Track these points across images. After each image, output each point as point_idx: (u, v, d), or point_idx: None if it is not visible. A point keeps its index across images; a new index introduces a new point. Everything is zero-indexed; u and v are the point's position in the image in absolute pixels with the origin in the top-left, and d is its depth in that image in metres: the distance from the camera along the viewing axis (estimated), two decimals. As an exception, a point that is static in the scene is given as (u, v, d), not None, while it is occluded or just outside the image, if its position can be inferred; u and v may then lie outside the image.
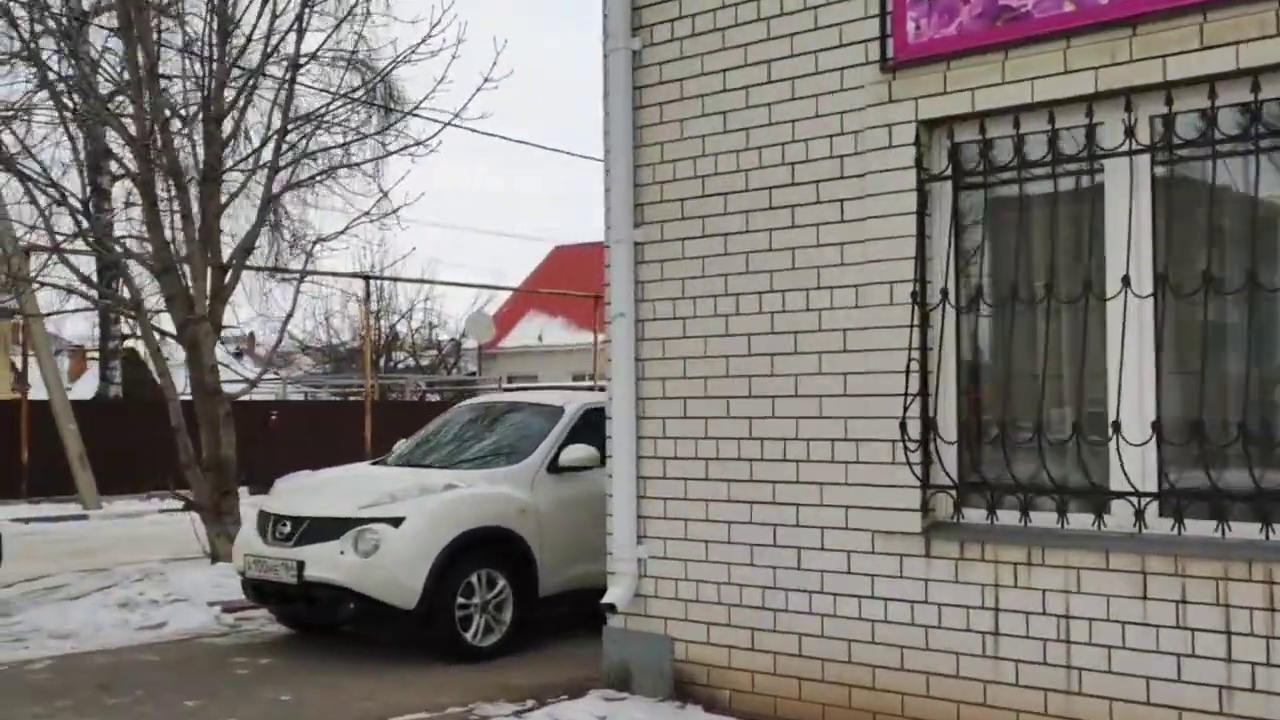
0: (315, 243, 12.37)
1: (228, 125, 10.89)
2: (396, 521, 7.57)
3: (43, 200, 10.57)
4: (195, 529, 10.54)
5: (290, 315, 12.13)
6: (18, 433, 18.56)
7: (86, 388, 31.17)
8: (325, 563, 7.56)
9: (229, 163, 11.05)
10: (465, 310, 41.32)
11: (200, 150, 10.89)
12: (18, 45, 11.01)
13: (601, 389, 10.94)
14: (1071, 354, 5.35)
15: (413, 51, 10.73)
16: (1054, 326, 5.39)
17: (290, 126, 11.03)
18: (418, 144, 11.23)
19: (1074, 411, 5.29)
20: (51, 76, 10.44)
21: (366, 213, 11.78)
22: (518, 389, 23.02)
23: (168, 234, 10.61)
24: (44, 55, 10.61)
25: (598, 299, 29.80)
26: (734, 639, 6.24)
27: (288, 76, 10.89)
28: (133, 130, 10.36)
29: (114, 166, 25.26)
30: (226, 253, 11.05)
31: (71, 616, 9.21)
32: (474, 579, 7.72)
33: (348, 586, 7.49)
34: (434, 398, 35.17)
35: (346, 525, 7.62)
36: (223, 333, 11.49)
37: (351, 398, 33.46)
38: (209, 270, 10.59)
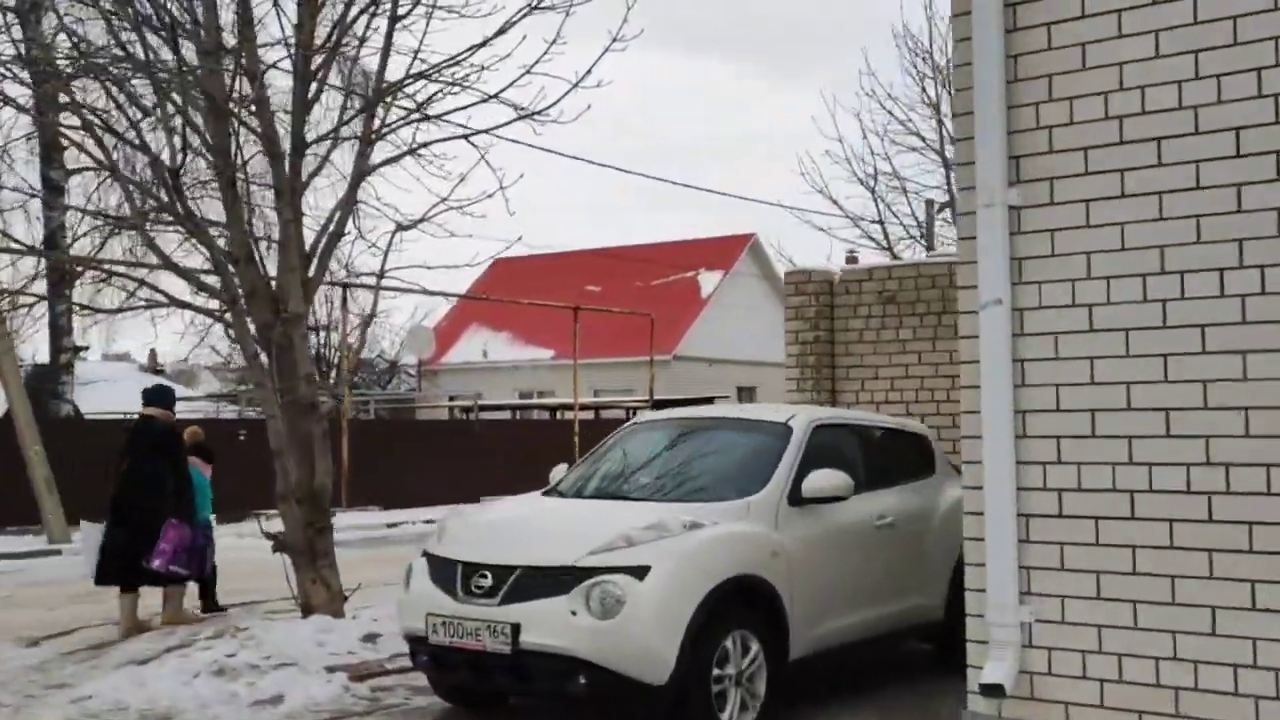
0: (397, 229, 10.51)
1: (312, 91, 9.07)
2: (640, 572, 5.84)
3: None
4: (286, 573, 8.68)
5: (372, 317, 10.24)
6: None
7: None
8: (550, 626, 5.81)
9: (311, 134, 9.20)
10: (404, 324, 38.97)
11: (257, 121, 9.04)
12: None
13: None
14: None
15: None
16: None
17: (386, 89, 9.23)
18: (534, 114, 9.41)
19: None
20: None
21: (444, 199, 9.92)
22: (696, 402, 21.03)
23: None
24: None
25: (577, 310, 28.13)
26: (1185, 734, 4.67)
27: (383, 29, 9.10)
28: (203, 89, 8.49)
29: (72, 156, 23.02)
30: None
31: (156, 687, 7.35)
32: (729, 643, 6.06)
33: (583, 657, 5.76)
34: (366, 416, 32.74)
35: (574, 576, 5.87)
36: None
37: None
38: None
